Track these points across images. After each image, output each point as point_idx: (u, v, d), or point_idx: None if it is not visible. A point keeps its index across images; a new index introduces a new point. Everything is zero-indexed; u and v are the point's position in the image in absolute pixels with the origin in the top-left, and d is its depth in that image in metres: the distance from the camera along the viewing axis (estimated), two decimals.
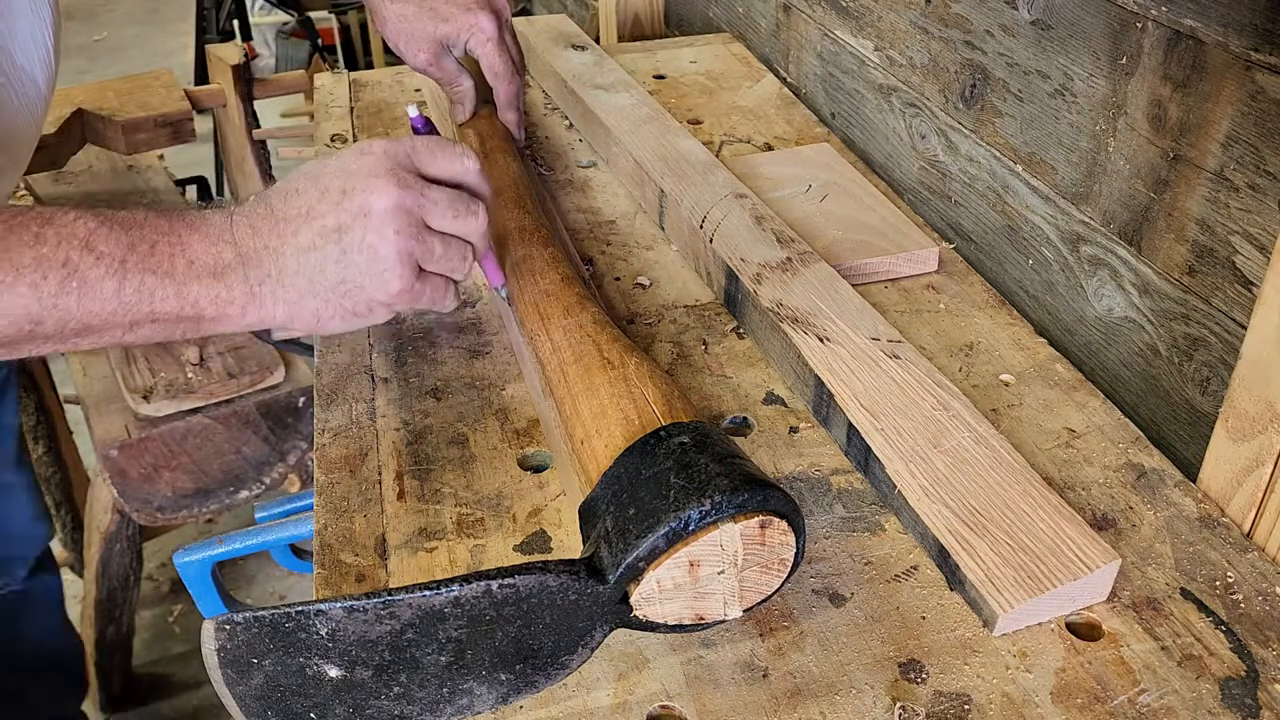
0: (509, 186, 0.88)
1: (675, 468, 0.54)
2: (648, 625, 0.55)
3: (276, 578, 2.02)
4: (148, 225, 0.61)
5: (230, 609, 0.96)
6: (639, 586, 0.53)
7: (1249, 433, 0.65)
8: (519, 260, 0.79)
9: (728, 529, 0.52)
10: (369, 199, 0.63)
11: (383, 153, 0.64)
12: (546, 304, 0.74)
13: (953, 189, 1.02)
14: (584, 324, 0.70)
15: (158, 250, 0.61)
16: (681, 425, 0.57)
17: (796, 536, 0.55)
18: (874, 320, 0.80)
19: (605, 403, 0.62)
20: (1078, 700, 0.56)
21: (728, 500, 0.52)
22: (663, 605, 0.54)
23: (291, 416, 1.57)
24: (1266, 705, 0.56)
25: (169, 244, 0.61)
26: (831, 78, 1.24)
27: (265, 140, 2.18)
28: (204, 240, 0.62)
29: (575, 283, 0.76)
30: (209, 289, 0.62)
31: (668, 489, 0.53)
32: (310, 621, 0.48)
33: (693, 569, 0.53)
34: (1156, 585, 0.63)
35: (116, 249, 0.60)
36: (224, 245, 0.63)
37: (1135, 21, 0.76)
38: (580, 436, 0.62)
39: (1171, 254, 0.76)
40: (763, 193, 1.00)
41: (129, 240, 0.60)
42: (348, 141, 1.17)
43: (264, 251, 0.63)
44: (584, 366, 0.66)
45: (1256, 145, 0.67)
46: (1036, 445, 0.73)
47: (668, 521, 0.52)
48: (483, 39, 0.98)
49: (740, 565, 0.54)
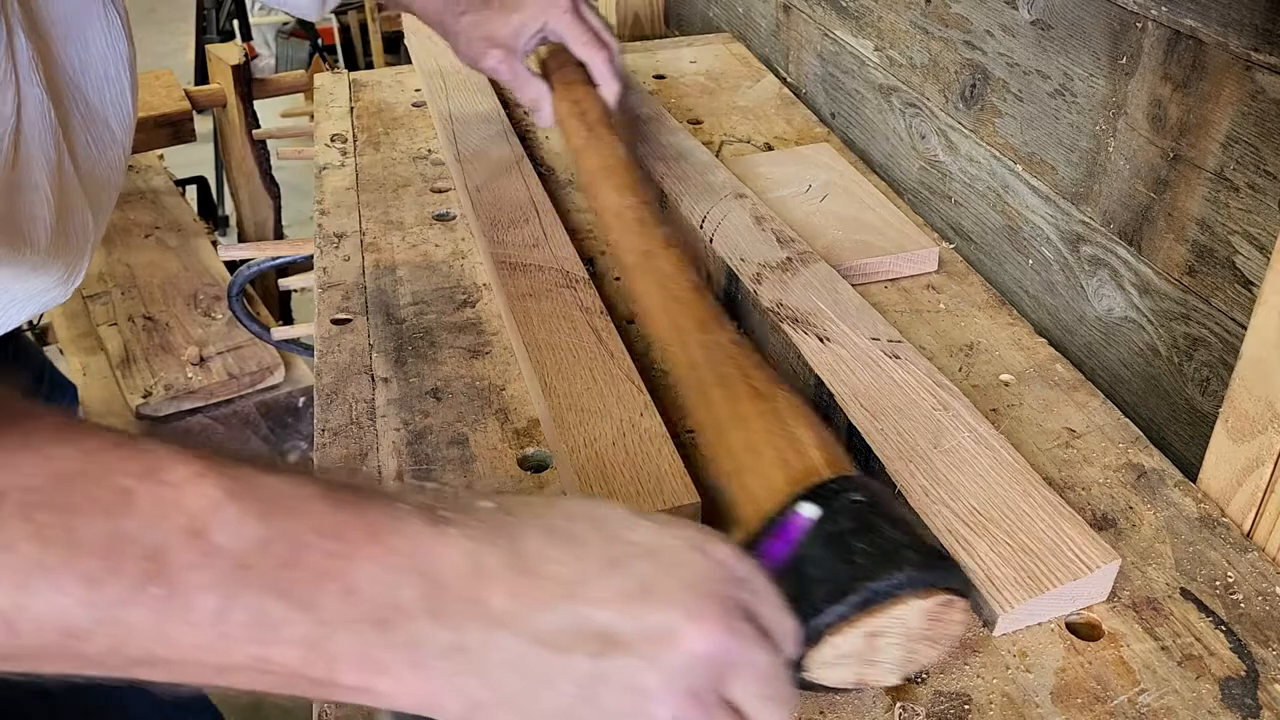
0: (618, 169, 0.85)
1: (856, 529, 0.52)
2: (811, 686, 0.53)
3: None
4: (303, 511, 0.38)
5: None
6: (817, 651, 0.51)
7: (1249, 433, 0.65)
8: (641, 255, 0.75)
9: (914, 604, 0.50)
10: (679, 623, 0.40)
11: (723, 571, 0.42)
12: (679, 313, 0.70)
13: (953, 189, 1.02)
14: (723, 343, 0.67)
15: (302, 561, 0.38)
16: (851, 480, 0.55)
17: (969, 615, 0.54)
18: (874, 320, 0.80)
19: (757, 437, 0.59)
20: (1078, 700, 0.56)
21: (919, 575, 0.50)
22: (832, 670, 0.52)
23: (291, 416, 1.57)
24: (1266, 705, 0.56)
25: (325, 554, 0.38)
26: (831, 78, 1.24)
27: (265, 140, 2.18)
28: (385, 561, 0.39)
29: (704, 292, 0.73)
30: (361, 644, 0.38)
31: (851, 552, 0.51)
32: None
33: (872, 638, 0.51)
34: (1156, 585, 0.63)
35: (238, 544, 0.37)
36: (411, 576, 0.39)
37: (1135, 21, 0.76)
38: (729, 470, 0.60)
39: (1171, 254, 0.76)
40: (763, 193, 1.00)
41: (264, 534, 0.37)
42: (347, 142, 1.17)
43: (471, 609, 0.39)
44: (729, 392, 0.63)
45: (1256, 145, 0.67)
46: (1036, 445, 0.73)
47: (857, 590, 0.50)
48: (559, 13, 0.93)
49: (914, 639, 0.53)
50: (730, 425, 0.61)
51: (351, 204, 1.04)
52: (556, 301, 0.82)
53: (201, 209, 2.94)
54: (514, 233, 0.92)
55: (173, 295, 1.83)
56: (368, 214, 1.02)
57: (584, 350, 0.76)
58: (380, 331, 0.86)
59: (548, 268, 0.87)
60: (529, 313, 0.81)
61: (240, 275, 1.48)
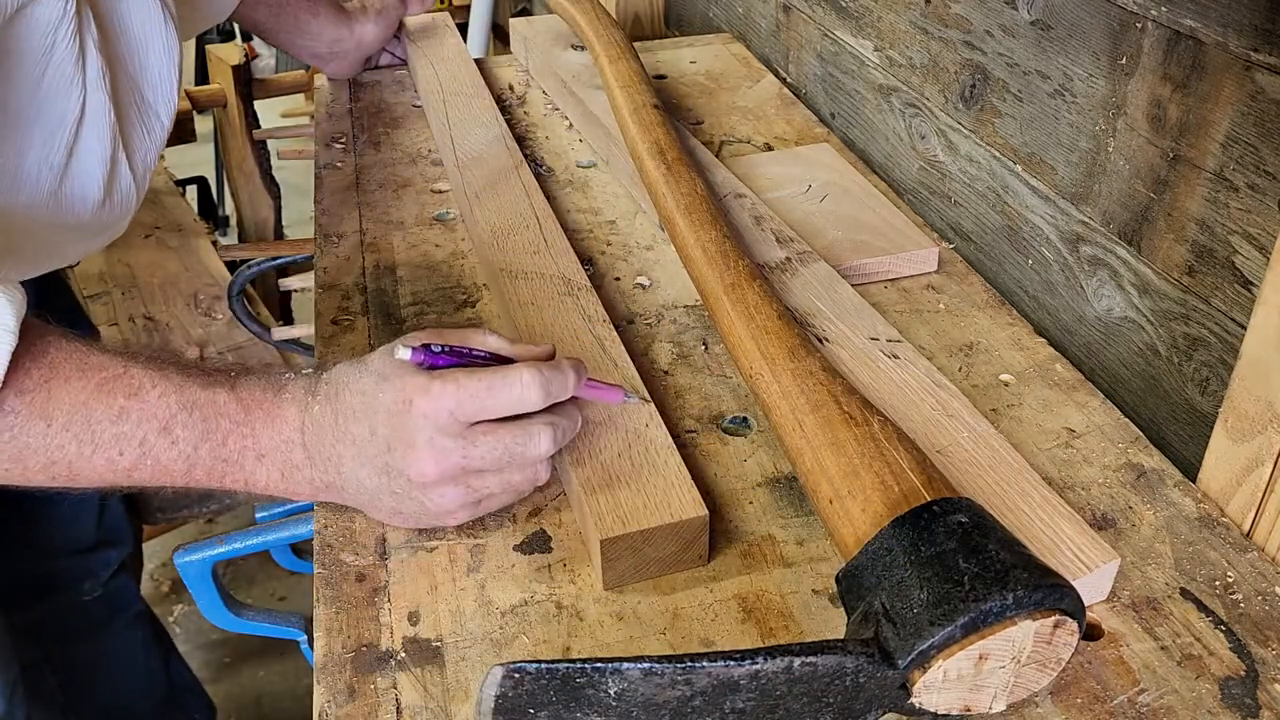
0: (699, 205, 0.86)
1: (961, 550, 0.51)
2: (916, 712, 0.52)
3: (277, 578, 2.02)
4: (224, 414, 0.62)
5: (230, 609, 0.96)
6: (925, 675, 0.50)
7: (1249, 433, 0.65)
8: (728, 286, 0.77)
9: (1025, 625, 0.50)
10: (408, 469, 0.61)
11: (421, 416, 0.60)
12: (768, 343, 0.71)
13: (952, 189, 1.02)
14: (813, 370, 0.67)
15: (229, 442, 0.62)
16: (954, 502, 0.55)
17: (1079, 637, 0.53)
18: (873, 320, 0.80)
19: (855, 462, 0.59)
20: (1078, 700, 0.56)
21: (1029, 596, 0.50)
22: (939, 695, 0.51)
23: None
24: (1266, 705, 0.56)
25: (241, 436, 0.62)
26: (831, 78, 1.24)
27: (265, 140, 2.18)
28: (276, 436, 0.63)
29: (791, 321, 0.73)
30: (275, 481, 0.64)
31: (959, 574, 0.50)
32: (604, 679, 0.46)
33: (980, 661, 0.50)
34: (1156, 585, 0.63)
35: (191, 435, 0.62)
36: (295, 448, 0.63)
37: (1135, 21, 0.76)
38: (828, 495, 0.60)
39: (1171, 254, 0.76)
40: (762, 193, 1.00)
41: (204, 429, 0.62)
42: (346, 141, 1.17)
43: (329, 461, 0.63)
44: (823, 418, 0.63)
45: (1256, 145, 0.67)
46: (1036, 445, 0.74)
47: (966, 611, 0.49)
48: None
49: (1022, 661, 0.52)
50: (827, 451, 0.61)
51: (351, 204, 1.04)
52: (558, 309, 0.82)
53: (202, 209, 2.94)
54: (514, 239, 0.91)
55: (173, 295, 1.83)
56: (368, 214, 1.02)
57: (587, 360, 0.76)
58: (380, 332, 0.86)
59: (548, 274, 0.86)
60: (530, 322, 0.80)
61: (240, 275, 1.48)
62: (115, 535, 1.35)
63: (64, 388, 0.59)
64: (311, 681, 0.59)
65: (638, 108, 1.02)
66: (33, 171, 0.69)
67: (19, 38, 0.64)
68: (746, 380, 0.72)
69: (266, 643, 1.81)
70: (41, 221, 0.72)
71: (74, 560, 1.31)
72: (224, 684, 1.82)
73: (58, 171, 0.70)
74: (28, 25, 0.64)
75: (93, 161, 0.72)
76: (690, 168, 0.92)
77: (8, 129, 0.66)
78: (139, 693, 1.42)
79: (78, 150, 0.71)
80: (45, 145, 0.69)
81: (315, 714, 0.57)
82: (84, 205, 0.73)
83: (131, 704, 1.41)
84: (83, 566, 1.32)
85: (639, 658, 0.47)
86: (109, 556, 1.34)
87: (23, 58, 0.65)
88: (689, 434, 0.75)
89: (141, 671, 1.42)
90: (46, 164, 0.69)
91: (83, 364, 0.60)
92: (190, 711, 1.50)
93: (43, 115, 0.68)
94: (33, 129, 0.68)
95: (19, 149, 0.68)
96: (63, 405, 0.59)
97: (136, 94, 0.77)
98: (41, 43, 0.65)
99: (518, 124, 1.21)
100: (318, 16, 1.22)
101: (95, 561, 1.32)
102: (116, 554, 1.35)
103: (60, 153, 0.70)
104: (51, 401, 0.59)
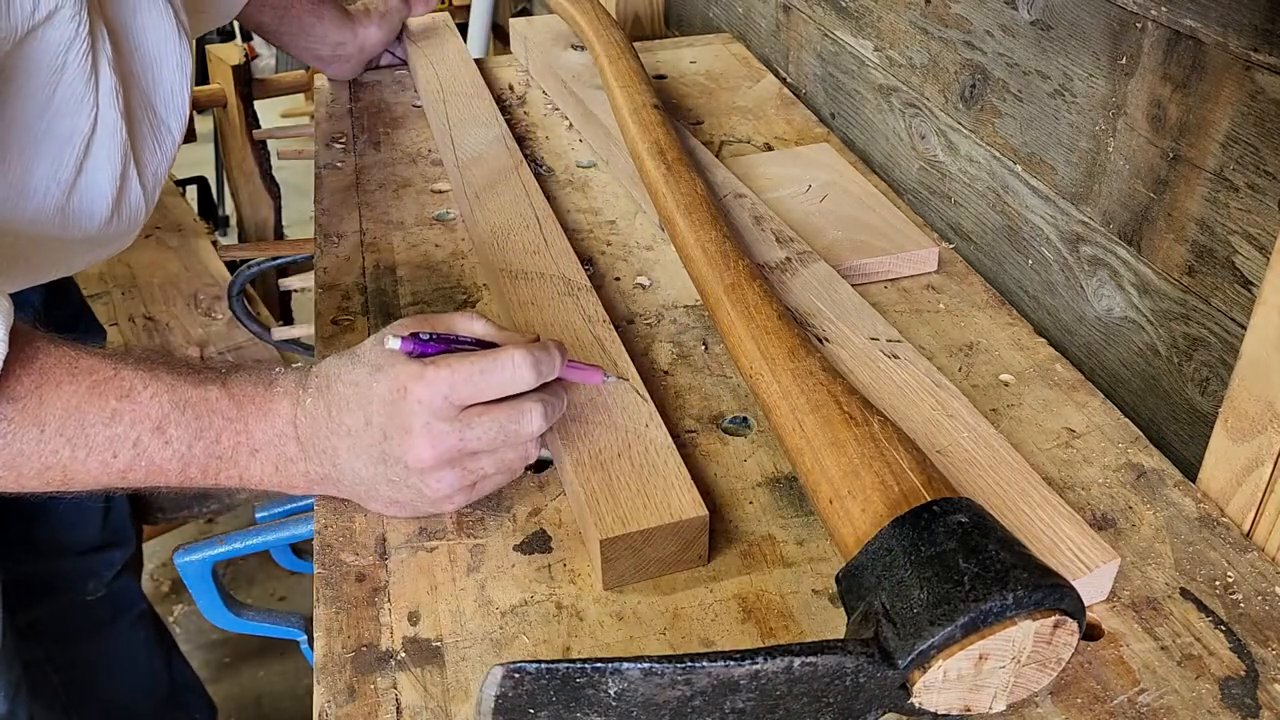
0: (699, 205, 0.86)
1: (961, 550, 0.51)
2: (916, 712, 0.52)
3: (277, 578, 2.02)
4: (217, 411, 0.63)
5: (230, 609, 0.96)
6: (924, 675, 0.50)
7: (1249, 433, 0.65)
8: (728, 286, 0.77)
9: (1024, 625, 0.50)
10: (405, 456, 0.61)
11: (417, 403, 0.60)
12: (768, 343, 0.71)
13: (952, 189, 1.02)
14: (813, 370, 0.67)
15: (223, 439, 0.63)
16: (954, 502, 0.55)
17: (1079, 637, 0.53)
18: (873, 320, 0.80)
19: (855, 462, 0.60)
20: (1078, 700, 0.56)
21: (1029, 596, 0.50)
22: (939, 695, 0.51)
23: None
24: (1266, 705, 0.56)
25: (234, 432, 0.63)
26: (831, 78, 1.24)
27: (265, 140, 2.19)
28: (269, 430, 0.63)
29: (791, 321, 0.73)
30: (270, 476, 0.64)
31: (959, 574, 0.50)
32: (604, 679, 0.46)
33: (980, 661, 0.51)
34: (1156, 585, 0.63)
35: (185, 435, 0.62)
36: (288, 441, 0.64)
37: (1135, 22, 0.76)
38: (828, 495, 0.60)
39: (1171, 254, 0.76)
40: (762, 193, 1.00)
41: (198, 427, 0.62)
42: (346, 141, 1.17)
43: (324, 454, 0.63)
44: (823, 418, 0.63)
45: (1256, 145, 0.67)
46: (1036, 445, 0.74)
47: (966, 611, 0.49)
48: None
49: (1022, 661, 0.52)
50: (827, 451, 0.61)
51: (351, 204, 1.04)
52: (558, 309, 0.82)
53: (202, 209, 2.94)
54: (514, 239, 0.91)
55: (173, 295, 1.83)
56: (368, 214, 1.02)
57: (588, 360, 0.76)
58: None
59: (548, 275, 0.86)
60: (530, 322, 0.80)
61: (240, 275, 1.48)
62: (120, 536, 1.35)
63: (55, 393, 0.59)
64: (311, 681, 0.59)
65: (638, 108, 1.02)
66: (40, 187, 0.69)
67: (29, 59, 0.64)
68: (746, 380, 0.72)
69: (266, 643, 1.81)
70: (49, 235, 0.72)
71: (78, 560, 1.31)
72: (224, 684, 1.82)
73: (65, 187, 0.70)
74: (38, 46, 0.64)
75: (102, 177, 0.72)
76: (690, 168, 0.92)
77: (16, 145, 0.67)
78: (141, 692, 1.43)
79: (87, 166, 0.71)
80: (54, 161, 0.69)
81: (315, 714, 0.57)
82: (92, 220, 0.73)
83: (133, 703, 1.41)
84: (87, 567, 1.32)
85: (639, 658, 0.47)
86: (113, 557, 1.34)
87: (31, 78, 0.65)
88: (689, 434, 0.75)
89: (143, 671, 1.42)
90: (55, 179, 0.69)
91: (73, 368, 0.61)
92: (191, 711, 1.50)
93: (52, 132, 0.68)
94: (41, 145, 0.68)
95: (26, 165, 0.68)
96: (55, 410, 0.59)
97: (149, 109, 0.77)
98: (52, 63, 0.65)
99: (518, 124, 1.21)
100: (322, 19, 1.22)
101: (99, 562, 1.33)
102: (120, 554, 1.35)
103: (69, 169, 0.70)
104: (44, 407, 0.59)
